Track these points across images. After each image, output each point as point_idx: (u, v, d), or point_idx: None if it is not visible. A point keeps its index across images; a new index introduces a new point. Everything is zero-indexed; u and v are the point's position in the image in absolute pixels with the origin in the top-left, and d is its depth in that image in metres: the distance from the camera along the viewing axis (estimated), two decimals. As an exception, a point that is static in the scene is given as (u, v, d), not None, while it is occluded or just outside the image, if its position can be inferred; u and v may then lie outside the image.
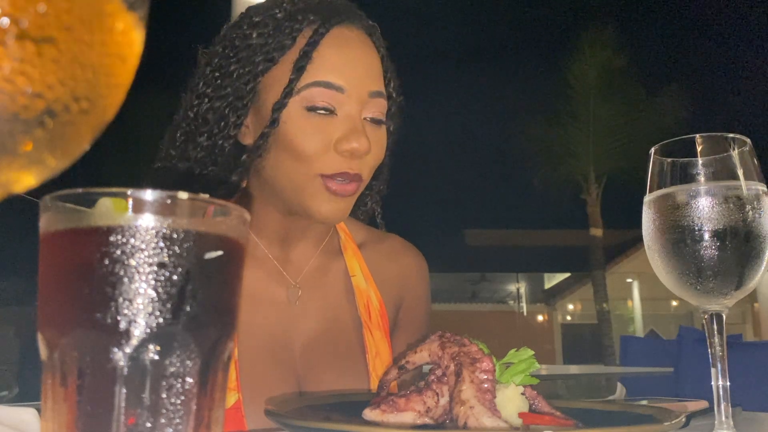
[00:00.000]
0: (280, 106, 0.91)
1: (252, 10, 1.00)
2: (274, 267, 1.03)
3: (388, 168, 1.12)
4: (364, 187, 0.98)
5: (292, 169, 0.92)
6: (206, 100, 0.97)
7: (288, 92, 0.91)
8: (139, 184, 1.00)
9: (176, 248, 0.36)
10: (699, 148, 0.75)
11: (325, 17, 0.95)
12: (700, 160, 0.74)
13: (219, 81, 0.97)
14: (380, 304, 1.08)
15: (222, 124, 0.96)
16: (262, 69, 0.94)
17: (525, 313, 25.28)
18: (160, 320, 0.36)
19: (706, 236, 0.71)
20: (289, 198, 0.95)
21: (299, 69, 0.91)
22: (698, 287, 0.73)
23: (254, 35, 0.95)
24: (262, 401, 0.84)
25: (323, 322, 1.03)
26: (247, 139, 0.98)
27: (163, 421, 0.36)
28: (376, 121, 0.97)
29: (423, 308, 1.16)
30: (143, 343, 0.35)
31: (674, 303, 21.99)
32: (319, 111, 0.92)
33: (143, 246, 0.36)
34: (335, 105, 0.92)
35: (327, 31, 0.94)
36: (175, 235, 0.37)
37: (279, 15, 0.96)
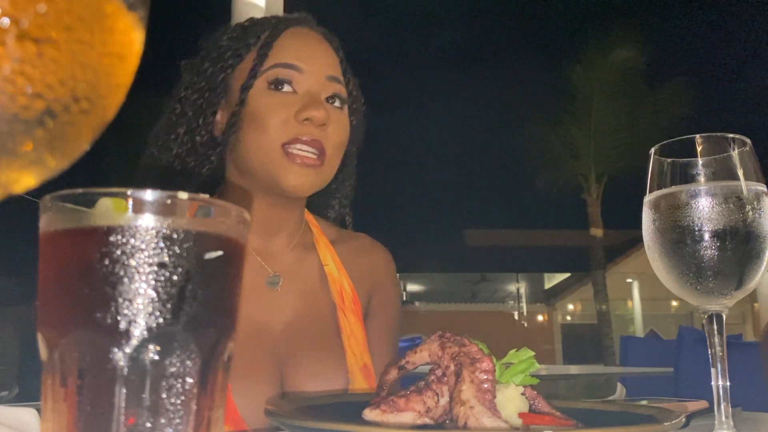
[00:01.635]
0: (246, 86, 1.04)
1: (226, 26, 1.15)
2: (254, 259, 1.10)
3: (354, 169, 1.24)
4: (331, 164, 1.06)
5: (258, 142, 1.03)
6: (185, 99, 1.10)
7: (253, 74, 1.04)
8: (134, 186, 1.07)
9: (176, 248, 0.36)
10: (699, 149, 0.75)
11: (284, 19, 1.12)
12: (700, 161, 0.74)
13: (195, 80, 1.11)
14: (353, 291, 1.16)
15: (200, 117, 1.09)
16: (232, 63, 1.08)
17: (525, 313, 25.27)
18: (160, 320, 0.36)
19: (706, 236, 0.71)
20: (260, 174, 1.04)
21: (262, 55, 1.05)
22: (698, 287, 0.73)
23: (224, 38, 1.11)
24: (248, 384, 0.94)
25: (301, 308, 1.10)
26: (219, 131, 1.10)
27: (163, 421, 0.36)
28: (335, 104, 1.08)
29: (393, 298, 1.24)
30: (143, 343, 0.35)
31: (674, 303, 21.98)
32: (279, 86, 1.04)
33: (143, 246, 0.36)
34: (295, 84, 1.05)
35: (286, 28, 1.09)
36: (175, 235, 0.37)
37: (246, 24, 1.13)
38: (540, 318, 25.07)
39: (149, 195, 0.37)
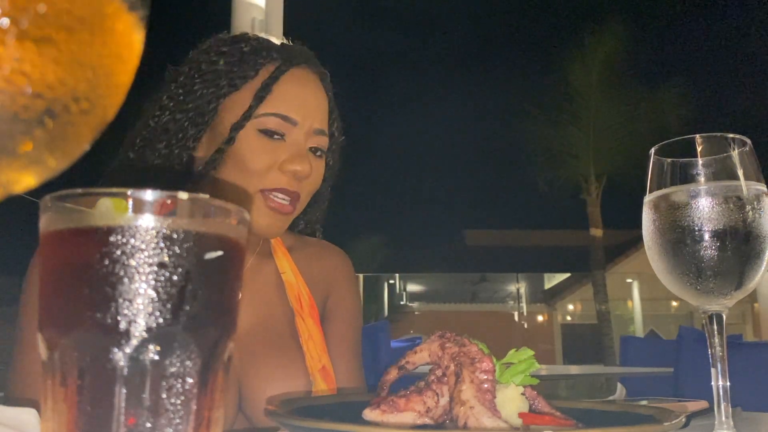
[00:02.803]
0: (238, 126, 1.03)
1: (220, 40, 1.13)
2: None
3: (326, 200, 1.27)
4: (300, 209, 1.10)
5: (238, 181, 1.04)
6: (168, 112, 1.08)
7: (247, 116, 1.03)
8: (98, 182, 1.10)
9: (176, 248, 0.36)
10: (699, 149, 0.75)
11: (286, 57, 1.09)
12: (700, 161, 0.74)
13: (182, 97, 1.08)
14: (309, 297, 1.18)
15: (181, 135, 1.07)
16: (225, 92, 1.06)
17: (525, 314, 25.27)
18: (160, 320, 0.36)
19: (706, 236, 0.71)
20: (230, 199, 1.02)
21: (260, 98, 1.04)
22: (698, 287, 0.73)
23: (221, 62, 1.08)
24: None
25: (257, 316, 1.11)
26: (200, 152, 1.09)
27: (163, 421, 0.36)
28: (317, 154, 1.10)
29: (350, 299, 1.25)
30: (143, 344, 0.35)
31: (674, 303, 21.99)
32: (271, 135, 1.04)
33: (143, 246, 0.36)
34: (286, 133, 1.05)
35: (287, 70, 1.07)
36: (175, 235, 0.37)
37: (245, 48, 1.09)
38: (540, 318, 25.07)
39: (149, 195, 0.37)
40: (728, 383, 0.72)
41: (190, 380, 0.37)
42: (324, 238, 1.31)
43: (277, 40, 1.16)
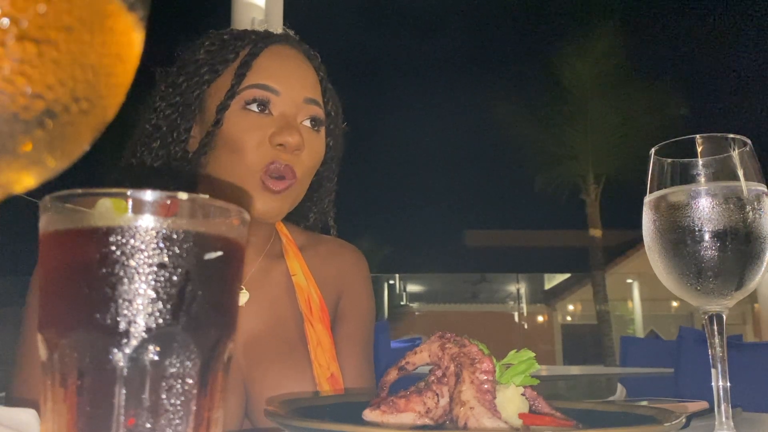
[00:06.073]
0: (223, 107, 1.02)
1: (205, 36, 1.13)
2: None
3: (333, 189, 1.23)
4: (300, 188, 1.06)
5: (231, 165, 1.02)
6: (160, 112, 1.09)
7: (230, 95, 1.02)
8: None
9: (176, 249, 0.36)
10: (699, 149, 0.75)
11: (265, 36, 1.10)
12: (700, 161, 0.74)
13: (170, 92, 1.09)
14: (320, 300, 1.14)
15: (175, 133, 1.07)
16: (208, 79, 1.06)
17: (525, 314, 25.27)
18: (160, 321, 0.36)
19: (707, 237, 0.71)
20: (228, 197, 1.00)
21: (239, 75, 1.03)
22: (698, 288, 0.73)
23: (202, 52, 1.09)
24: None
25: (265, 320, 1.09)
26: (194, 146, 1.08)
27: (162, 421, 0.36)
28: (312, 126, 1.07)
29: (363, 301, 1.22)
30: (143, 344, 0.35)
31: (674, 304, 21.98)
32: (254, 107, 1.02)
33: (143, 246, 0.36)
34: (271, 106, 1.03)
35: (266, 46, 1.07)
36: (174, 236, 0.36)
37: (226, 37, 1.11)
38: (540, 318, 25.07)
39: (149, 195, 0.37)
40: (728, 384, 0.72)
41: (189, 381, 0.37)
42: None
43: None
